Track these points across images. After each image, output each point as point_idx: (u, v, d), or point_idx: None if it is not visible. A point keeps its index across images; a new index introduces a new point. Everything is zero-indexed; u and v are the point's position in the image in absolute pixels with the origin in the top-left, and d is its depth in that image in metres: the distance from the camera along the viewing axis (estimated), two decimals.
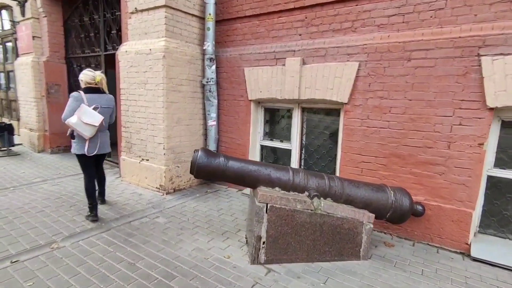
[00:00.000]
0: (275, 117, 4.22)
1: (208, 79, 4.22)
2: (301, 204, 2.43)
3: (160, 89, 3.85)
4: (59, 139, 6.66)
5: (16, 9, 6.59)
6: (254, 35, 4.05)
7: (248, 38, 4.11)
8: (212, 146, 4.39)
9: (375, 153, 3.16)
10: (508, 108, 2.51)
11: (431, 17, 2.82)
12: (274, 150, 4.24)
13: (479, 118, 2.61)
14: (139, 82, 4.08)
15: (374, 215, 2.57)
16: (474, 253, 2.66)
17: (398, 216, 2.71)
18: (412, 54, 2.87)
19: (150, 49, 3.87)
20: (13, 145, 6.36)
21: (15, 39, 7.11)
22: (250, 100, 4.10)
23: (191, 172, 2.56)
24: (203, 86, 4.33)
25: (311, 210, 2.45)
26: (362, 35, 3.19)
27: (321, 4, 3.44)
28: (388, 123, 3.06)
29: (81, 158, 3.23)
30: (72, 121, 3.08)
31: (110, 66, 5.69)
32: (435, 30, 2.78)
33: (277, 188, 2.55)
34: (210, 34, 4.13)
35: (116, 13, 5.01)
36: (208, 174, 2.53)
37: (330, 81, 3.36)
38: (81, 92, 3.19)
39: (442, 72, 2.74)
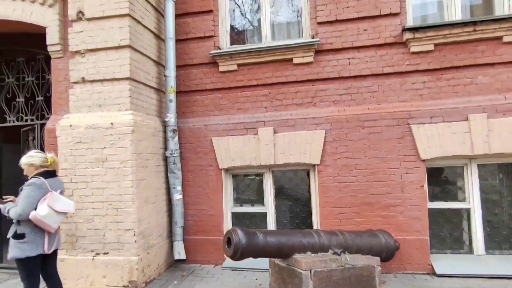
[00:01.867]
0: (243, 183, 4.35)
1: (172, 151, 4.01)
2: (335, 262, 2.64)
3: (128, 167, 3.39)
4: None
5: None
6: (217, 107, 4.24)
7: (211, 109, 4.26)
8: (179, 222, 4.01)
9: (349, 204, 3.75)
10: (433, 159, 3.62)
11: (370, 96, 3.84)
12: (245, 215, 4.26)
13: (418, 167, 3.62)
14: (93, 160, 3.46)
15: (379, 258, 3.03)
16: (438, 270, 3.45)
17: (389, 255, 3.26)
18: (364, 123, 3.76)
19: (112, 123, 3.44)
20: None
21: None
22: (221, 169, 4.11)
23: (231, 256, 2.38)
24: (165, 158, 4.06)
25: (342, 266, 2.68)
26: (322, 108, 3.94)
27: (282, 83, 4.07)
28: (355, 177, 3.76)
29: (30, 262, 2.49)
30: (42, 213, 2.41)
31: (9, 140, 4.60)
32: (376, 106, 3.80)
33: (308, 252, 2.68)
34: (172, 106, 4.05)
35: (47, 78, 4.25)
36: (251, 253, 2.43)
37: (302, 147, 3.88)
38: (41, 177, 2.53)
39: (387, 136, 3.70)
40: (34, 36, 4.40)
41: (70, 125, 3.56)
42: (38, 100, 4.42)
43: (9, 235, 2.47)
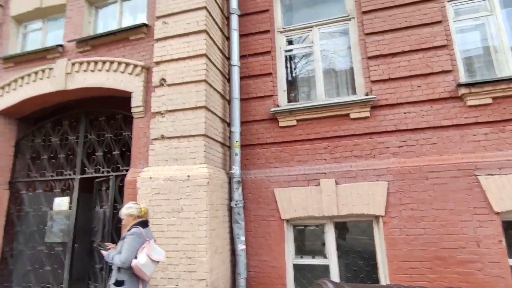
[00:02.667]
0: (304, 234, 4.38)
1: (236, 201, 4.22)
2: None
3: (203, 217, 3.61)
4: None
5: None
6: (277, 159, 4.49)
7: (271, 161, 4.51)
8: (243, 274, 4.04)
9: (419, 258, 3.63)
10: (508, 212, 3.52)
11: (430, 148, 3.93)
12: (306, 267, 4.20)
13: (492, 220, 3.52)
14: (170, 210, 3.73)
15: None
16: None
17: None
18: (428, 175, 3.80)
19: (188, 176, 3.76)
20: None
21: None
22: (283, 219, 4.21)
23: None
24: (230, 209, 4.25)
25: None
26: (382, 160, 4.06)
27: (340, 136, 4.29)
28: (423, 230, 3.69)
29: None
30: (142, 261, 2.61)
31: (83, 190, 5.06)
32: (437, 157, 3.86)
33: None
34: (238, 159, 4.37)
35: (124, 134, 4.80)
36: None
37: (365, 198, 3.93)
38: (140, 227, 2.78)
39: (454, 187, 3.69)
40: (114, 99, 5.10)
41: (150, 177, 3.92)
42: (114, 154, 4.94)
43: (111, 281, 2.66)
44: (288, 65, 5.00)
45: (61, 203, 5.03)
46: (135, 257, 2.64)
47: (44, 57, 5.24)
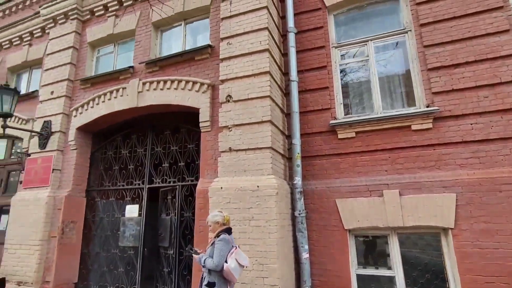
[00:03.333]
0: (366, 244, 4.42)
1: (299, 211, 4.38)
2: None
3: (273, 225, 3.82)
4: None
5: (32, 141, 6.13)
6: (337, 170, 4.60)
7: (331, 172, 4.63)
8: (308, 282, 4.16)
9: (495, 273, 3.55)
10: None
11: (502, 160, 3.85)
12: (369, 278, 4.23)
13: None
14: (241, 218, 3.98)
15: None
16: None
17: None
18: (501, 187, 3.72)
19: (258, 186, 4.00)
20: None
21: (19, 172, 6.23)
22: (346, 230, 4.30)
23: None
24: (293, 218, 4.42)
25: None
26: (448, 171, 4.03)
27: (401, 148, 4.33)
28: (499, 243, 3.60)
29: None
30: (232, 265, 2.84)
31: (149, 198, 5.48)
32: (510, 169, 3.77)
33: None
34: (299, 170, 4.54)
35: (188, 147, 5.19)
36: None
37: (432, 210, 3.92)
38: (227, 234, 3.04)
39: None
40: (177, 114, 5.53)
41: (221, 187, 4.21)
42: (180, 165, 5.33)
43: (204, 283, 2.92)
44: (343, 79, 5.14)
45: (132, 210, 5.50)
46: (225, 261, 2.88)
47: (117, 77, 5.83)
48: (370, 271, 4.23)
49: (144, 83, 5.41)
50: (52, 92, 6.25)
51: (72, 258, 5.48)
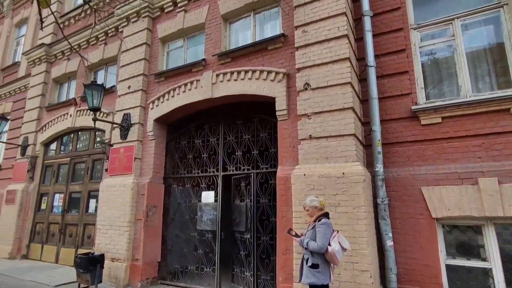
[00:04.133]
0: (455, 233, 4.24)
1: (382, 198, 4.32)
2: None
3: (362, 212, 3.82)
4: (150, 269, 5.80)
5: (113, 132, 6.69)
6: (420, 157, 4.44)
7: (413, 159, 4.48)
8: (394, 269, 4.12)
9: None
10: None
11: None
12: (461, 269, 4.07)
13: None
14: (326, 205, 4.00)
15: None
16: None
17: None
18: None
19: (343, 173, 4.01)
20: (101, 282, 5.32)
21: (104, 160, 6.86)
22: (434, 218, 4.16)
23: None
24: (375, 206, 4.37)
25: None
26: None
27: (498, 133, 4.04)
28: None
29: None
30: (336, 248, 2.93)
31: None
32: None
33: None
34: (380, 157, 4.46)
35: (261, 135, 5.32)
36: None
37: None
38: (326, 218, 3.10)
39: None
40: (248, 104, 5.67)
41: (304, 174, 4.28)
42: (253, 154, 5.49)
43: (308, 264, 3.03)
44: (424, 62, 4.88)
45: (208, 197, 5.81)
46: (329, 244, 2.96)
47: (189, 70, 6.11)
48: (462, 262, 4.06)
49: (217, 75, 5.62)
50: (129, 87, 6.74)
51: (155, 239, 5.97)
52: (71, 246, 7.13)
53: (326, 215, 3.18)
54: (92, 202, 7.10)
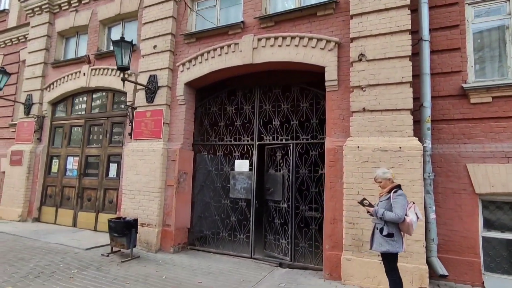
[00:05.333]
0: (494, 209, 4.48)
1: (429, 173, 4.43)
2: None
3: (417, 185, 3.95)
4: (181, 235, 5.83)
5: (137, 95, 6.37)
6: (466, 135, 4.53)
7: (459, 137, 4.57)
8: (435, 240, 4.34)
9: None
10: None
11: None
12: (493, 241, 4.36)
13: None
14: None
15: None
16: None
17: None
18: None
19: (400, 147, 4.06)
20: (135, 246, 5.30)
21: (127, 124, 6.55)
22: (477, 194, 4.36)
23: None
24: (423, 180, 4.50)
25: None
26: None
27: None
28: None
29: (396, 256, 3.22)
30: (414, 219, 3.04)
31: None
32: None
33: None
34: (429, 133, 4.51)
35: (301, 105, 5.24)
36: None
37: None
38: (401, 189, 3.18)
39: None
40: (287, 72, 5.51)
41: (358, 147, 4.30)
42: (292, 124, 5.42)
43: (384, 233, 3.12)
44: (476, 39, 4.84)
45: (242, 165, 5.76)
46: (406, 215, 3.05)
47: (225, 32, 5.77)
48: (496, 235, 4.34)
49: (259, 39, 5.35)
50: (154, 47, 6.31)
51: (185, 206, 5.94)
52: (90, 210, 6.97)
53: (400, 186, 3.24)
54: (112, 167, 6.88)
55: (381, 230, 3.15)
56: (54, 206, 7.52)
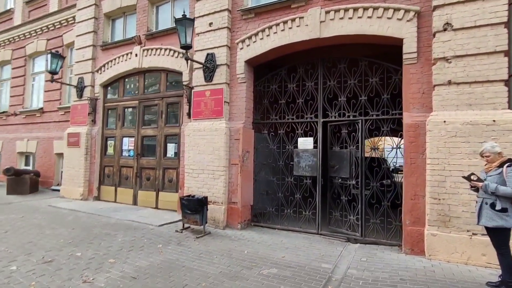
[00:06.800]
0: None
1: None
2: None
3: None
4: (246, 212, 5.96)
5: (194, 74, 6.34)
6: None
7: None
8: None
9: None
10: None
11: None
12: None
13: None
14: (470, 152, 3.97)
15: None
16: None
17: None
18: None
19: (494, 121, 3.89)
20: (206, 222, 5.47)
21: (185, 103, 6.59)
22: None
23: None
24: None
25: None
26: None
27: None
28: None
29: (508, 231, 3.13)
30: None
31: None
32: None
33: None
34: None
35: (370, 80, 5.08)
36: None
37: None
38: None
39: None
40: (354, 46, 5.30)
41: (444, 121, 4.15)
42: (360, 100, 5.28)
43: (497, 208, 3.05)
44: None
45: (306, 143, 5.73)
46: None
47: (288, 6, 5.56)
48: None
49: (327, 12, 5.13)
50: (210, 24, 6.20)
51: (249, 183, 6.03)
52: (150, 189, 7.22)
53: (511, 160, 3.13)
54: (170, 146, 7.02)
55: (492, 205, 3.08)
56: (113, 186, 7.83)
